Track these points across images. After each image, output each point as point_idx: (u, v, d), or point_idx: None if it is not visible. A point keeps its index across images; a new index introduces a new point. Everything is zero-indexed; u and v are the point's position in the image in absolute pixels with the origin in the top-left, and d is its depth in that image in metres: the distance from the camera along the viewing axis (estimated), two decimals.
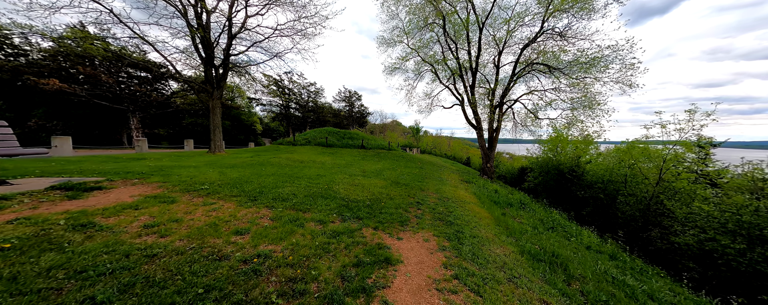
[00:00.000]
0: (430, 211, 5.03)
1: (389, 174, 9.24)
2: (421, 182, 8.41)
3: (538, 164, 19.27)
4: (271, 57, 13.49)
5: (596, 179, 12.29)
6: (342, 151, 15.26)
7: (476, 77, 16.30)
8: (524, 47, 13.88)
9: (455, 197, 6.78)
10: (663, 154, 9.78)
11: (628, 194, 10.27)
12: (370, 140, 20.10)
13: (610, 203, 11.09)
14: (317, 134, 17.88)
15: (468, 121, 17.40)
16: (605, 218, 11.11)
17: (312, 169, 8.50)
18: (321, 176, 7.03)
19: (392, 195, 5.85)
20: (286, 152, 12.94)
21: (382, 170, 10.07)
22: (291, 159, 10.55)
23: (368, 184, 6.81)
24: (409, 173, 10.46)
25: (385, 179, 7.90)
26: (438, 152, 40.85)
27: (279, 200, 4.13)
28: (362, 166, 10.87)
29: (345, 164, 10.73)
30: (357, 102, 39.73)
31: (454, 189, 8.23)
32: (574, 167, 14.45)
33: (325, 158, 12.30)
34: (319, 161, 10.76)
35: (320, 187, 5.60)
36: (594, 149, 17.17)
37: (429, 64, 17.53)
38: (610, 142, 13.41)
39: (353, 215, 3.97)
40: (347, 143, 17.51)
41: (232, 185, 4.86)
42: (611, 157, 15.06)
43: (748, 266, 5.49)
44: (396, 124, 63.91)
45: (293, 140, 16.62)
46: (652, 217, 8.86)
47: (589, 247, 5.60)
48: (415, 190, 6.98)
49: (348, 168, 9.61)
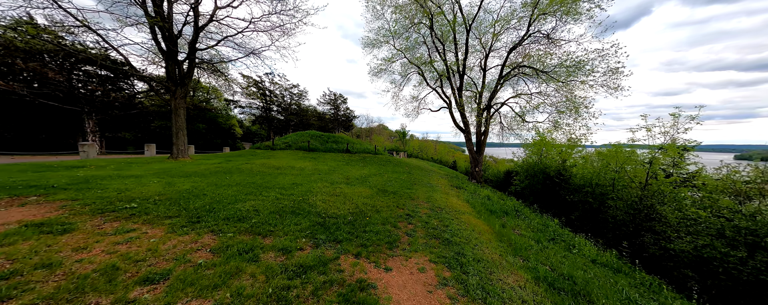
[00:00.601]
0: (422, 225, 4.31)
1: (375, 181, 8.47)
2: (411, 190, 7.71)
3: (523, 168, 19.31)
4: (246, 54, 12.39)
5: (584, 182, 12.21)
6: (325, 155, 14.30)
7: (464, 79, 16.06)
8: (511, 50, 13.79)
9: (448, 207, 6.13)
10: (650, 157, 9.77)
11: (617, 199, 10.16)
12: (355, 144, 19.25)
13: (599, 208, 10.96)
14: (299, 138, 16.79)
15: (456, 124, 17.08)
16: (594, 222, 10.96)
17: (288, 176, 7.55)
18: (296, 186, 6.13)
19: (379, 207, 5.08)
20: (262, 158, 11.80)
21: (367, 177, 9.28)
22: (266, 165, 9.48)
23: (352, 193, 6.00)
24: (397, 179, 9.74)
25: (370, 187, 7.11)
26: (424, 156, 40.65)
27: (233, 221, 3.22)
28: (346, 172, 10.01)
29: (327, 171, 9.82)
30: (342, 105, 38.72)
31: (445, 196, 7.60)
32: (560, 170, 14.42)
33: (306, 163, 11.31)
34: (298, 167, 9.78)
35: (293, 199, 4.72)
36: (578, 152, 17.47)
37: (415, 66, 17.12)
38: (596, 145, 13.54)
39: (330, 238, 3.15)
40: (331, 147, 16.56)
41: (175, 201, 3.87)
42: (597, 161, 15.25)
43: (750, 275, 5.24)
44: (383, 128, 63.37)
45: (272, 144, 15.42)
46: (643, 222, 8.70)
47: (595, 261, 5.11)
48: (404, 199, 6.26)
49: (330, 175, 8.73)
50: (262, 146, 15.20)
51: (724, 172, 10.05)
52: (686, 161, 10.06)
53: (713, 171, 10.44)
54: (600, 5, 10.59)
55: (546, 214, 11.24)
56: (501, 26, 13.69)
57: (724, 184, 9.00)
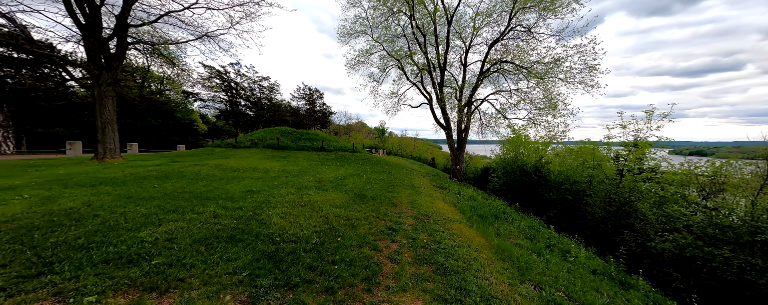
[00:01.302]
0: (409, 244, 3.44)
1: (353, 183, 7.47)
2: (392, 193, 6.85)
3: (501, 165, 19.49)
4: (199, 37, 10.57)
5: (562, 179, 12.31)
6: (297, 154, 12.92)
7: (445, 75, 15.53)
8: (491, 45, 13.47)
9: (436, 213, 5.36)
10: (623, 154, 9.92)
11: (594, 195, 10.25)
12: (331, 141, 17.96)
13: (577, 205, 11.05)
14: (267, 135, 15.12)
15: (436, 121, 16.56)
16: (572, 219, 11.04)
17: (244, 181, 6.26)
18: (250, 195, 4.93)
19: (355, 219, 4.13)
20: (218, 157, 10.18)
21: (343, 178, 8.24)
22: (220, 167, 8.00)
23: (322, 202, 4.97)
24: (377, 180, 8.83)
25: (346, 192, 6.11)
26: (404, 153, 40.26)
27: (117, 265, 2.05)
28: (319, 173, 8.87)
29: (297, 172, 8.60)
30: (318, 100, 36.77)
31: (430, 200, 6.85)
32: (538, 167, 14.56)
33: (273, 163, 9.94)
34: (262, 169, 8.43)
35: (238, 216, 3.59)
36: (552, 149, 17.96)
37: (395, 59, 16.24)
38: (571, 142, 13.82)
39: (279, 282, 2.14)
40: (304, 145, 15.15)
41: (28, 231, 2.55)
42: (568, 157, 15.65)
43: (736, 275, 5.19)
44: (361, 125, 61.98)
45: (235, 141, 13.64)
46: (622, 219, 8.75)
47: (596, 272, 4.65)
48: (385, 205, 5.36)
49: (299, 177, 7.55)
50: (224, 143, 13.37)
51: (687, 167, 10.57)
52: (647, 157, 10.36)
53: (666, 167, 11.04)
54: (579, 0, 10.51)
55: (528, 213, 11.10)
56: (481, 20, 13.30)
57: (686, 178, 9.42)
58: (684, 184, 9.32)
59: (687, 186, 9.50)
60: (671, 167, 10.46)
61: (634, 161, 10.12)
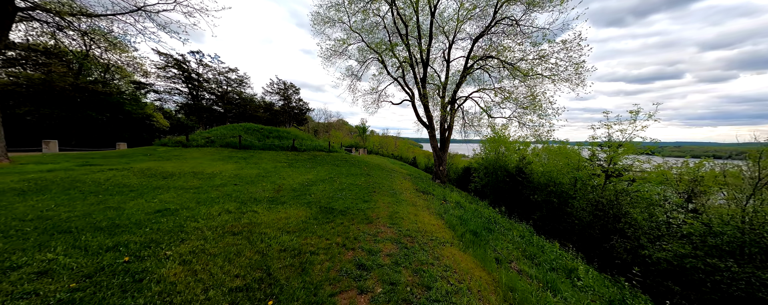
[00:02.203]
0: (386, 298, 2.31)
1: (321, 191, 6.20)
2: (368, 203, 5.69)
3: (482, 165, 19.15)
4: (129, 11, 8.57)
5: (546, 181, 11.95)
6: (262, 155, 11.26)
7: (427, 70, 14.62)
8: (476, 40, 12.76)
9: (421, 231, 4.30)
10: (610, 155, 9.64)
11: (580, 198, 9.89)
12: (304, 139, 16.35)
13: (561, 208, 10.67)
14: (228, 132, 13.20)
15: (419, 119, 15.65)
16: (557, 222, 10.66)
17: (164, 195, 4.72)
18: (159, 217, 3.49)
19: (309, 255, 2.90)
20: (156, 160, 8.33)
21: (311, 185, 6.92)
22: (148, 173, 6.29)
23: (270, 224, 3.67)
24: (352, 185, 7.61)
25: (309, 205, 4.84)
26: (385, 153, 39.26)
27: None
28: (283, 178, 7.46)
29: (254, 177, 7.12)
30: (294, 96, 34.44)
31: (413, 211, 5.79)
32: (521, 167, 14.22)
33: (226, 166, 8.32)
34: (207, 174, 6.84)
35: (100, 267, 2.21)
36: (532, 149, 17.90)
37: (375, 52, 15.03)
38: (553, 142, 13.60)
39: None
40: (272, 143, 13.45)
41: None
42: (551, 157, 15.53)
43: (744, 290, 4.74)
44: (342, 123, 60.15)
45: (186, 139, 11.63)
46: (610, 224, 8.36)
47: (613, 302, 3.86)
48: (357, 223, 4.19)
49: (253, 185, 6.11)
50: (172, 141, 11.31)
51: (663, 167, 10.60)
52: (634, 158, 10.26)
53: (648, 167, 11.11)
54: None
55: (513, 216, 10.53)
56: (465, 13, 12.52)
57: (664, 179, 9.36)
58: (663, 184, 9.26)
59: (667, 187, 9.47)
60: (651, 168, 10.46)
61: (617, 161, 9.96)
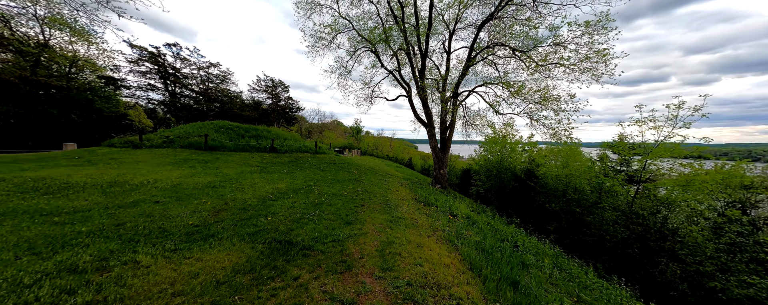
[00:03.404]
0: None
1: (288, 208, 4.46)
2: (352, 226, 3.99)
3: (484, 167, 17.67)
4: None
5: (564, 186, 10.41)
6: (230, 157, 9.43)
7: (426, 61, 13.02)
8: (483, 24, 11.19)
9: (432, 282, 2.62)
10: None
11: (609, 208, 8.37)
12: (287, 139, 14.52)
13: (583, 218, 9.12)
14: (194, 130, 11.31)
15: (417, 116, 14.02)
16: (580, 235, 9.11)
17: (34, 229, 2.93)
18: None
19: None
20: (78, 164, 6.44)
21: (278, 198, 5.18)
22: (36, 185, 4.44)
23: (150, 293, 1.95)
24: (336, 196, 5.89)
25: (254, 239, 3.09)
26: (380, 154, 37.60)
27: None
28: (242, 189, 5.69)
29: (199, 188, 5.34)
30: (283, 94, 32.46)
31: (415, 236, 4.11)
32: (531, 170, 12.70)
33: (172, 173, 6.49)
34: (130, 186, 5.02)
35: None
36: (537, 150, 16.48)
37: (368, 41, 13.36)
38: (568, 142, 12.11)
39: None
40: (247, 144, 11.60)
41: None
42: (554, 159, 14.09)
43: None
44: (336, 124, 58.45)
45: (139, 139, 9.70)
46: (653, 242, 6.82)
47: None
48: (326, 271, 2.48)
49: (187, 202, 4.34)
50: (121, 142, 9.38)
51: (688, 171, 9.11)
52: (656, 161, 8.73)
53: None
54: None
55: (527, 228, 8.96)
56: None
57: (705, 184, 7.86)
58: (711, 191, 7.80)
59: (714, 194, 8.00)
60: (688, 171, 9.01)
61: (644, 164, 8.49)
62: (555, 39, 9.60)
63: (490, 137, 16.63)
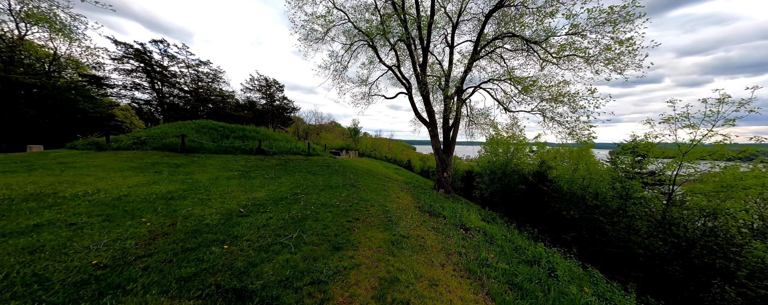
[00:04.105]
0: None
1: (258, 229, 3.39)
2: (340, 253, 2.94)
3: (488, 169, 16.71)
4: None
5: (582, 191, 9.41)
6: (209, 161, 8.33)
7: (428, 54, 12.05)
8: (491, 12, 10.22)
9: None
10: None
11: (637, 216, 7.39)
12: (278, 140, 13.43)
13: (608, 228, 8.11)
14: (172, 130, 10.19)
15: (417, 114, 13.02)
16: (602, 245, 8.10)
17: None
18: None
19: None
20: (19, 170, 5.32)
21: (251, 213, 4.10)
22: None
23: None
24: (324, 206, 4.82)
25: (180, 297, 2.02)
26: (378, 155, 36.57)
27: None
28: (208, 200, 4.62)
29: (151, 200, 4.26)
30: (278, 93, 31.34)
31: (425, 266, 3.08)
32: (543, 173, 11.71)
33: (129, 180, 5.40)
34: (60, 199, 3.93)
35: None
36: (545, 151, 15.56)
37: (365, 34, 12.35)
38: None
39: None
40: (231, 145, 10.49)
41: None
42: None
43: None
44: (334, 125, 57.62)
45: (106, 140, 8.57)
46: (698, 257, 5.82)
47: None
48: None
49: (119, 222, 3.27)
50: (83, 143, 8.24)
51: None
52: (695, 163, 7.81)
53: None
54: None
55: (546, 239, 7.94)
56: None
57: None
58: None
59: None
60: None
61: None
62: (572, 28, 8.65)
63: (491, 138, 15.75)
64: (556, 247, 6.73)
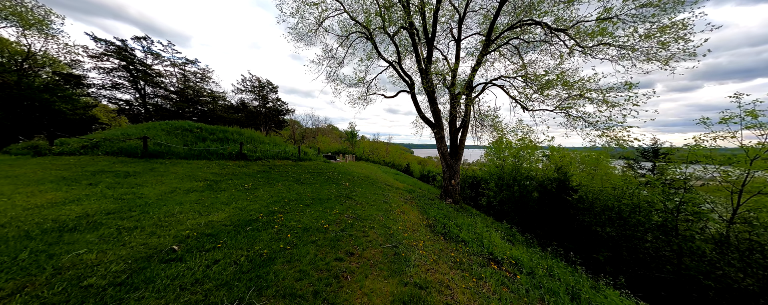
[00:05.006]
0: None
1: (176, 290, 1.99)
2: None
3: (495, 175, 15.43)
4: None
5: (612, 202, 8.06)
6: (175, 168, 6.85)
7: (433, 48, 10.77)
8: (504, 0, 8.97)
9: None
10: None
11: (700, 236, 6.04)
12: (264, 143, 11.97)
13: (656, 250, 6.75)
14: (136, 132, 8.70)
15: (421, 115, 11.69)
16: (641, 268, 6.73)
17: None
18: None
19: None
20: None
21: (195, 247, 2.67)
22: None
23: None
24: (306, 231, 3.39)
25: None
26: (376, 159, 35.15)
27: None
28: (132, 232, 3.18)
29: (55, 228, 2.83)
30: (271, 95, 29.92)
31: None
32: (564, 181, 10.38)
33: (44, 196, 3.96)
34: None
35: None
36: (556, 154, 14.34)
37: (362, 26, 11.07)
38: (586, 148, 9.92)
39: None
40: (207, 149, 9.01)
41: None
42: (582, 166, 11.97)
43: None
44: (331, 128, 56.30)
45: (49, 143, 7.07)
46: None
47: None
48: None
49: None
50: (20, 147, 6.75)
51: None
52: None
53: None
54: None
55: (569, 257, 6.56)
56: None
57: None
58: None
59: None
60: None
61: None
62: (604, 12, 7.42)
63: (496, 141, 14.56)
64: (583, 267, 5.37)
